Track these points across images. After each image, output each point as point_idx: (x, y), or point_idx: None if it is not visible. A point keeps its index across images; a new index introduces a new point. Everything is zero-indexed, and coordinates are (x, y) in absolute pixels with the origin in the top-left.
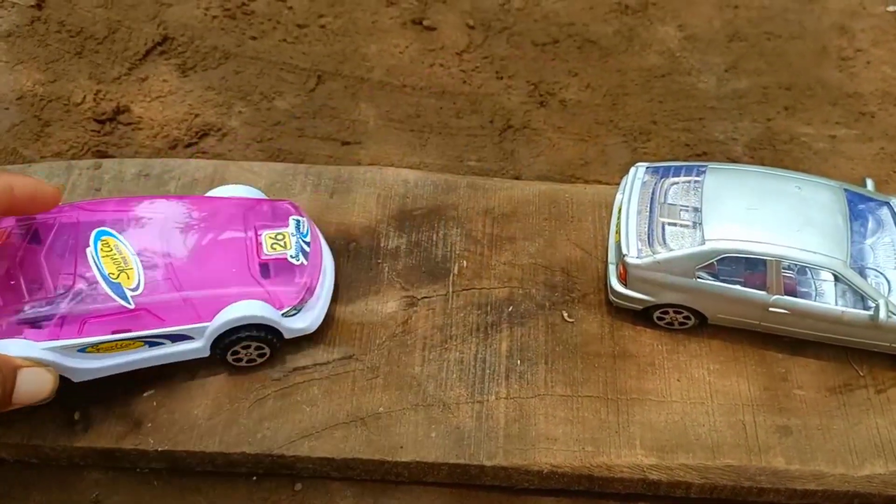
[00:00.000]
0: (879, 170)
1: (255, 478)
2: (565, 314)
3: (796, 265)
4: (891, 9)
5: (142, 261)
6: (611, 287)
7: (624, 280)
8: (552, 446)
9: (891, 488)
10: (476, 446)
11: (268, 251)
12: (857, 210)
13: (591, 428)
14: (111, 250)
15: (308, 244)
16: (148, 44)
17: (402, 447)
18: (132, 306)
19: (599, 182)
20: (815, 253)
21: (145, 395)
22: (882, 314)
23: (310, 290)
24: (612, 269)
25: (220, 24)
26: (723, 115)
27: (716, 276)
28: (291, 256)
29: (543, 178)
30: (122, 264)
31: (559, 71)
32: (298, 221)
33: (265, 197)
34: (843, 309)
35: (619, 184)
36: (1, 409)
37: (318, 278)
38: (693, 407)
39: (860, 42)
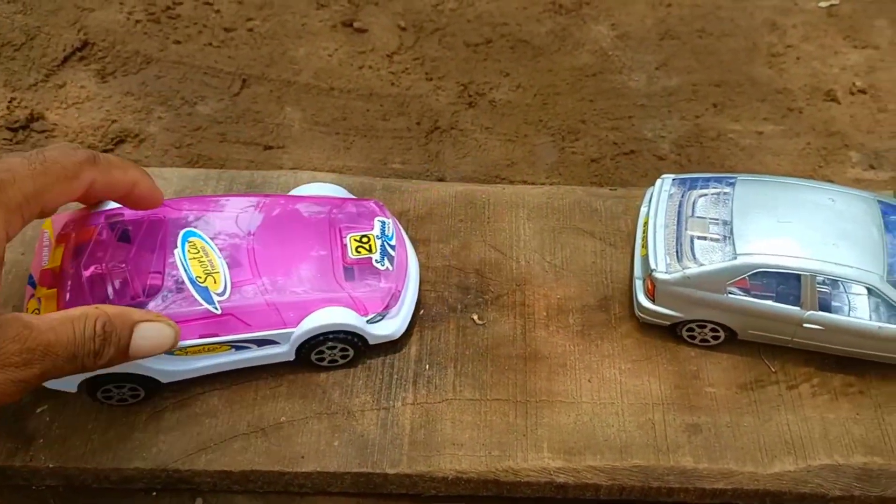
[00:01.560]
0: (805, 165)
1: (154, 493)
2: (475, 317)
3: (830, 279)
4: (822, 4)
5: (228, 264)
6: (638, 303)
7: (652, 295)
8: (458, 452)
9: (801, 486)
10: (380, 454)
11: (352, 254)
12: (891, 221)
13: (498, 432)
14: (198, 252)
15: (393, 248)
16: (67, 50)
17: (303, 457)
18: (219, 311)
19: (525, 182)
20: (851, 267)
21: (38, 410)
22: None
23: (395, 297)
24: (638, 284)
25: (143, 29)
26: (652, 112)
27: (747, 292)
28: (376, 261)
29: (468, 179)
30: (209, 267)
31: (490, 71)
32: (384, 223)
33: (350, 196)
34: (880, 324)
35: (547, 183)
36: (119, 361)
37: (403, 283)
38: (603, 408)
39: (791, 38)
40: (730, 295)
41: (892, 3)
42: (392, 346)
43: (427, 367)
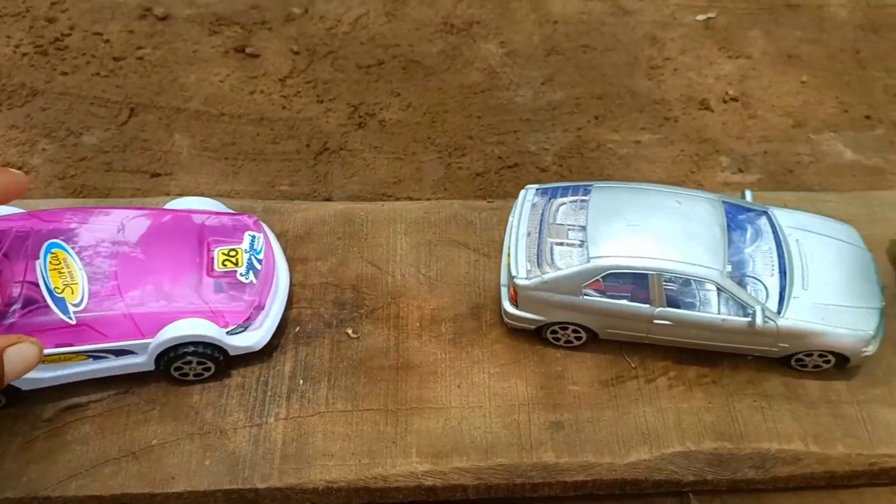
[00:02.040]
0: (678, 171)
1: None
2: (350, 331)
3: (679, 277)
4: (700, 18)
5: (88, 275)
6: (504, 309)
7: (515, 301)
8: (328, 462)
9: (656, 473)
10: (251, 470)
11: (218, 267)
12: (737, 220)
13: (368, 441)
14: (59, 264)
15: (260, 262)
16: None
17: (173, 478)
18: (74, 322)
19: (411, 198)
20: (693, 265)
21: None
22: (759, 320)
23: (258, 309)
24: (504, 291)
25: (29, 61)
26: (537, 126)
27: (603, 293)
28: (241, 274)
29: (356, 197)
30: (69, 278)
31: (382, 92)
32: (254, 237)
33: (226, 210)
34: (724, 317)
35: (433, 199)
36: None
37: (267, 296)
38: (471, 411)
39: (669, 51)
40: (585, 297)
41: (765, 14)
42: (266, 364)
43: (301, 381)
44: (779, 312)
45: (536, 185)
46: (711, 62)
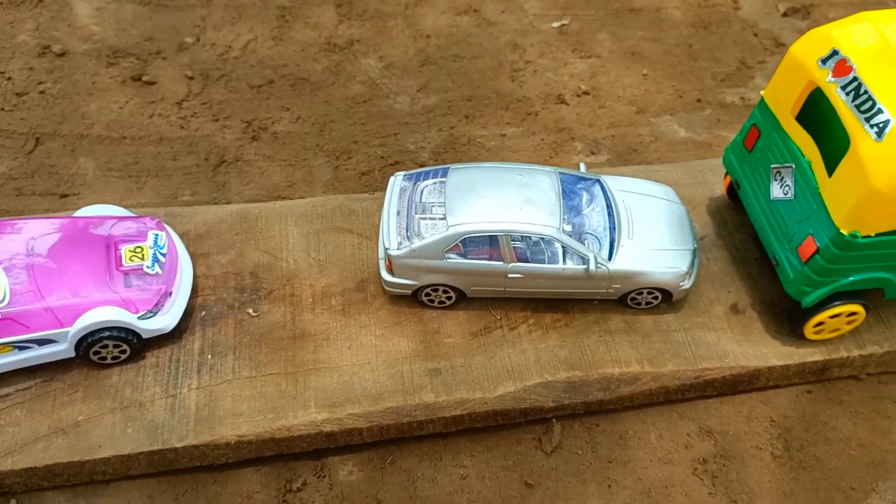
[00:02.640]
0: (539, 157)
1: None
2: (250, 311)
3: (523, 237)
4: (555, 25)
5: (8, 275)
6: (383, 279)
7: (391, 270)
8: (238, 420)
9: (521, 402)
10: (168, 433)
11: (126, 262)
12: (576, 188)
13: (272, 399)
14: None
15: (164, 255)
16: None
17: (100, 446)
18: None
19: (303, 198)
20: (533, 224)
21: None
22: (592, 266)
23: (165, 296)
24: (381, 263)
25: None
26: (414, 128)
27: (463, 256)
28: (147, 267)
29: (252, 201)
30: None
31: (273, 107)
32: (157, 235)
33: (131, 214)
34: (564, 266)
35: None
36: None
37: (172, 284)
38: (361, 368)
39: (529, 55)
40: (448, 260)
41: (611, 18)
42: (178, 344)
43: (209, 357)
44: (609, 259)
45: (403, 172)
46: (566, 62)
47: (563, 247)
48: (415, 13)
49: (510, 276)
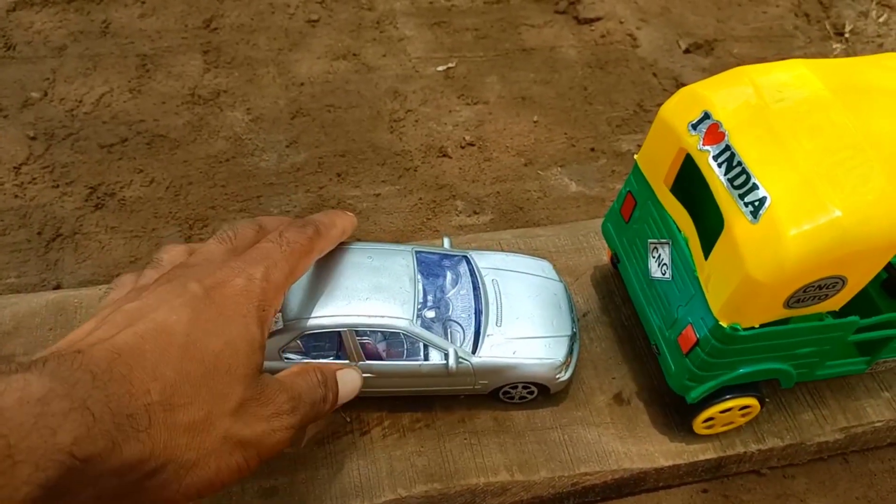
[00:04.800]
0: (416, 219)
1: None
2: None
3: (372, 330)
4: (440, 68)
5: None
6: None
7: None
8: None
9: None
10: None
11: None
12: (438, 269)
13: None
14: None
15: None
16: None
17: None
18: None
19: None
20: (382, 317)
21: None
22: (451, 362)
23: None
24: None
25: None
26: (280, 189)
27: (305, 354)
28: None
29: (87, 282)
30: None
31: (124, 169)
32: None
33: None
34: (420, 363)
35: None
36: (333, 407)
37: None
38: None
39: (411, 103)
40: (287, 360)
41: (501, 59)
42: None
43: None
44: (473, 352)
45: None
46: (451, 110)
47: (416, 340)
48: (288, 59)
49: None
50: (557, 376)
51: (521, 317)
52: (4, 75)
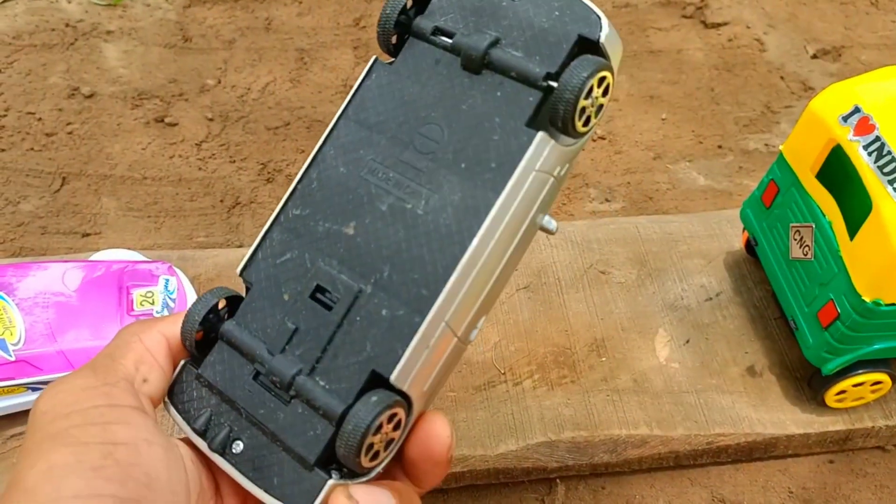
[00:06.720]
0: (553, 205)
1: None
2: None
3: None
4: None
5: (24, 318)
6: None
7: None
8: None
9: (523, 461)
10: None
11: (137, 307)
12: None
13: None
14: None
15: (174, 300)
16: None
17: None
18: (13, 358)
19: None
20: None
21: None
22: None
23: None
24: None
25: None
26: None
27: None
28: (157, 311)
29: None
30: (7, 323)
31: (288, 149)
32: (167, 280)
33: (144, 259)
34: None
35: None
36: None
37: None
38: None
39: None
40: None
41: (630, 60)
42: None
43: None
44: None
45: None
46: None
47: None
48: None
49: None
50: None
51: None
52: (184, 64)
